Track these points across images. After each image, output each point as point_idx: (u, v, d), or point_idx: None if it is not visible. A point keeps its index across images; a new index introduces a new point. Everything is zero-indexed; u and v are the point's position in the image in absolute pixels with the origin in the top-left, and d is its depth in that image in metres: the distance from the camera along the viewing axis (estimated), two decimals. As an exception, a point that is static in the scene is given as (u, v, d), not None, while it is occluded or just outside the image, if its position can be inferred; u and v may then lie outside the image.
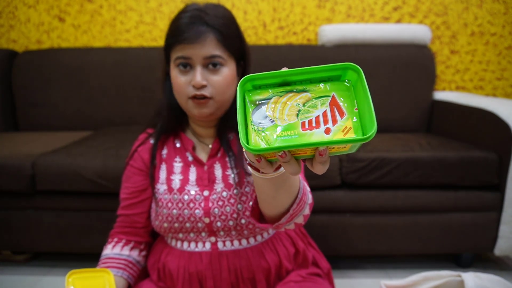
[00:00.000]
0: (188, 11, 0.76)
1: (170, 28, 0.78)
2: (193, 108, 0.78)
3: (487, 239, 1.37)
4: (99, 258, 0.88)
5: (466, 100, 1.58)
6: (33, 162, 1.31)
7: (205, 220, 0.79)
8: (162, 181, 0.84)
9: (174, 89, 0.80)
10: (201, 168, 0.83)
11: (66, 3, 2.01)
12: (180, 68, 0.77)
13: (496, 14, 1.99)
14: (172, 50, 0.77)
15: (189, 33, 0.73)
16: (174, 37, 0.76)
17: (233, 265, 0.81)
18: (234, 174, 0.80)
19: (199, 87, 0.76)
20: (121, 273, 0.83)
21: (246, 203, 0.79)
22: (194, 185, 0.81)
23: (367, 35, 1.85)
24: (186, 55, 0.75)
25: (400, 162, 1.30)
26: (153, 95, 1.86)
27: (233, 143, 0.83)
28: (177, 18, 0.77)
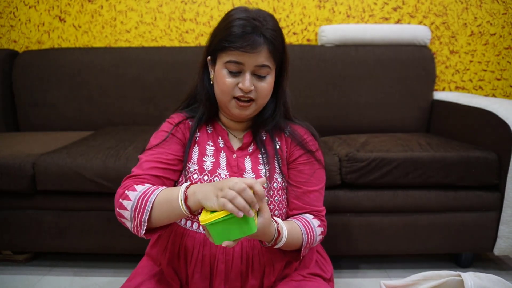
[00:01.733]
0: (242, 17, 0.80)
1: (223, 31, 0.81)
2: (235, 108, 0.83)
3: (487, 239, 1.37)
4: (100, 256, 0.87)
5: (466, 100, 1.59)
6: (34, 162, 1.31)
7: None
8: (193, 161, 0.87)
9: (218, 87, 0.83)
10: (230, 155, 0.88)
11: (66, 3, 2.01)
12: (230, 70, 0.81)
13: (495, 15, 1.99)
14: (225, 52, 0.80)
15: (247, 42, 0.78)
16: (229, 42, 0.79)
17: (245, 254, 0.84)
18: (266, 170, 0.86)
19: (247, 92, 0.81)
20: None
21: (272, 197, 0.85)
22: (224, 169, 0.86)
23: (367, 36, 1.85)
24: (239, 61, 0.79)
25: (400, 162, 1.30)
26: (153, 95, 1.87)
27: (266, 143, 0.90)
28: (231, 22, 0.80)
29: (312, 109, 1.82)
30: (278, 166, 0.88)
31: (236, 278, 0.84)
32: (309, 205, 0.88)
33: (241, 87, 0.80)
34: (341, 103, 1.83)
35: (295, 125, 0.93)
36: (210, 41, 0.85)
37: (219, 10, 2.00)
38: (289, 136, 0.91)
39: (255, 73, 0.81)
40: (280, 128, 0.91)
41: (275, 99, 0.88)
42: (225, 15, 0.84)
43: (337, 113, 1.84)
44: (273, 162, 0.88)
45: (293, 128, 0.92)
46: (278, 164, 0.88)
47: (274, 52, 0.81)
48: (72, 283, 1.36)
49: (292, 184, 0.89)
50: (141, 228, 0.74)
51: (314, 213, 0.88)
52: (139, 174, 0.82)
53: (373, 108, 1.84)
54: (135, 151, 1.35)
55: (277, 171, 0.88)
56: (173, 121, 0.91)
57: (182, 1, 2.00)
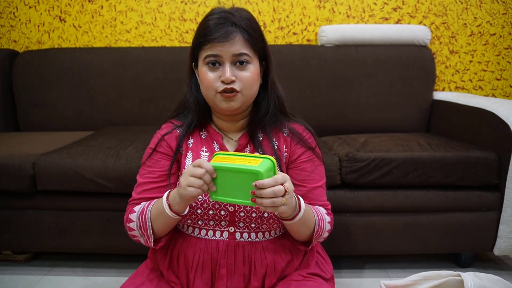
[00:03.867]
0: (215, 13, 0.83)
1: (198, 30, 0.84)
2: (222, 102, 0.83)
3: (487, 239, 1.37)
4: (100, 256, 0.88)
5: (466, 100, 1.59)
6: (34, 162, 1.31)
7: (230, 209, 0.83)
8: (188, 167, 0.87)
9: (202, 85, 0.84)
10: None
11: (66, 3, 2.01)
12: (210, 66, 0.82)
13: (495, 15, 1.99)
14: (202, 49, 0.82)
15: (218, 33, 0.79)
16: (203, 37, 0.81)
17: (248, 257, 0.84)
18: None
19: (229, 82, 0.81)
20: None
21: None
22: None
23: (367, 36, 1.86)
24: (216, 53, 0.80)
25: (400, 162, 1.30)
26: (153, 95, 1.87)
27: (263, 143, 0.89)
28: (206, 20, 0.83)
29: (312, 109, 1.82)
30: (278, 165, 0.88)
31: (238, 282, 0.84)
32: (315, 201, 0.89)
33: (222, 79, 0.80)
34: (341, 103, 1.83)
35: (293, 123, 0.92)
36: (192, 46, 0.86)
37: (219, 10, 2.00)
38: (288, 135, 0.90)
39: (234, 62, 0.81)
40: (278, 127, 0.91)
41: (266, 94, 0.89)
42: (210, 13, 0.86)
43: (337, 113, 1.84)
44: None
45: (291, 126, 0.91)
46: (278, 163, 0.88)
47: (251, 40, 0.82)
48: (72, 283, 1.36)
49: (296, 184, 0.88)
50: (150, 240, 0.82)
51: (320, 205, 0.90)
52: (136, 198, 0.88)
53: (373, 108, 1.84)
54: (135, 151, 1.35)
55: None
56: (160, 134, 0.91)
57: (182, 1, 2.00)
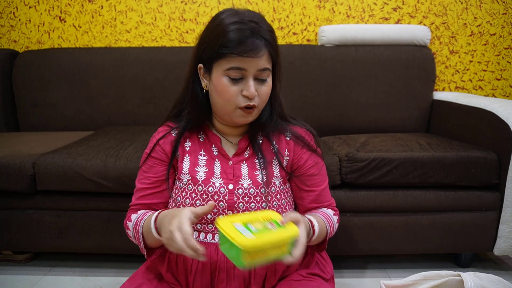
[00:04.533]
0: (240, 21, 0.76)
1: (220, 37, 0.76)
2: (240, 117, 0.81)
3: (487, 239, 1.37)
4: (100, 256, 0.88)
5: (466, 100, 1.59)
6: (34, 162, 1.31)
7: (228, 213, 0.83)
8: (185, 172, 0.86)
9: (220, 96, 0.79)
10: (225, 163, 0.86)
11: (66, 3, 2.01)
12: (232, 78, 0.77)
13: (495, 15, 1.99)
14: (224, 59, 0.77)
15: (249, 47, 0.75)
16: (230, 48, 0.75)
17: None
18: (263, 175, 0.84)
19: (252, 98, 0.79)
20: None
21: (270, 202, 0.84)
22: (219, 178, 0.84)
23: (367, 36, 1.86)
24: (242, 67, 0.76)
25: (400, 162, 1.30)
26: (153, 95, 1.87)
27: (263, 147, 0.88)
28: (229, 29, 0.76)
29: (312, 109, 1.82)
30: (276, 169, 0.87)
31: (238, 285, 0.83)
32: (324, 202, 0.92)
33: (246, 94, 0.78)
34: (341, 103, 1.83)
35: (294, 126, 0.91)
36: (201, 49, 0.81)
37: (219, 10, 2.00)
38: (291, 139, 0.89)
39: (256, 77, 0.79)
40: (279, 130, 0.89)
41: (270, 101, 0.87)
42: (214, 21, 0.80)
43: (337, 113, 1.84)
44: (270, 167, 0.86)
45: (293, 130, 0.90)
46: (276, 167, 0.87)
47: (274, 54, 0.80)
48: (72, 283, 1.36)
49: (306, 189, 0.89)
50: (144, 252, 0.84)
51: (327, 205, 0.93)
52: (134, 204, 0.89)
53: (373, 108, 1.84)
54: (135, 151, 1.35)
55: (275, 175, 0.87)
56: (155, 138, 0.90)
57: (182, 1, 2.00)
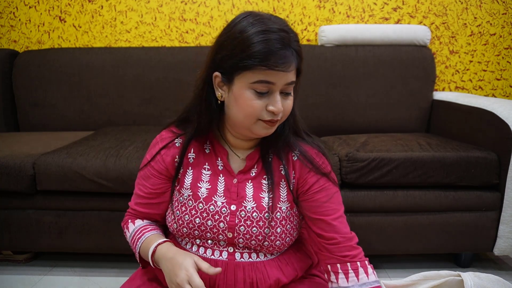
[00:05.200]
0: (272, 30, 0.67)
1: (247, 46, 0.67)
2: (262, 129, 0.73)
3: (487, 239, 1.37)
4: (100, 256, 0.88)
5: (466, 100, 1.59)
6: (34, 162, 1.31)
7: (228, 235, 0.77)
8: (187, 186, 0.80)
9: (242, 109, 0.71)
10: (230, 180, 0.80)
11: (66, 3, 2.01)
12: (258, 91, 0.69)
13: (495, 15, 1.99)
14: (251, 71, 0.68)
15: (280, 59, 0.67)
16: (258, 60, 0.66)
17: (249, 277, 0.77)
18: (269, 198, 0.77)
19: (278, 114, 0.71)
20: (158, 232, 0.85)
21: (273, 228, 0.77)
22: (222, 196, 0.78)
23: (367, 36, 1.86)
24: (271, 80, 0.68)
25: (400, 162, 1.30)
26: (153, 95, 1.87)
27: (274, 166, 0.79)
28: (260, 38, 0.67)
29: (312, 109, 1.82)
30: (283, 193, 0.79)
31: None
32: (337, 234, 0.76)
33: (272, 110, 0.70)
34: (341, 103, 1.83)
35: (306, 145, 0.81)
36: (220, 56, 0.71)
37: (219, 10, 2.00)
38: (298, 158, 0.79)
39: (282, 91, 0.71)
40: (289, 147, 0.80)
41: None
42: (236, 26, 0.70)
43: (337, 113, 1.84)
44: (278, 189, 0.78)
45: (303, 149, 0.80)
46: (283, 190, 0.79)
47: (300, 66, 0.73)
48: (72, 283, 1.36)
49: (313, 218, 0.77)
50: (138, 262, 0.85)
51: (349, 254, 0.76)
52: (132, 208, 0.88)
53: (373, 108, 1.84)
54: (135, 151, 1.35)
55: (282, 199, 0.78)
56: (158, 146, 0.83)
57: (182, 1, 2.00)
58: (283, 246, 0.79)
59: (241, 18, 0.71)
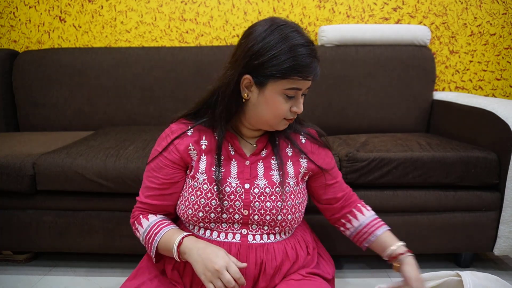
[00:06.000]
0: (306, 44, 0.78)
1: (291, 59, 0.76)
2: (283, 126, 0.85)
3: (487, 239, 1.37)
4: (100, 256, 0.88)
5: (466, 100, 1.59)
6: (34, 162, 1.31)
7: (244, 212, 0.84)
8: (202, 171, 0.86)
9: (271, 111, 0.81)
10: (242, 162, 0.87)
11: (66, 3, 2.01)
12: (288, 96, 0.81)
13: (495, 15, 1.99)
14: (288, 80, 0.78)
15: (313, 71, 0.79)
16: (298, 72, 0.77)
17: (259, 259, 0.84)
18: (279, 175, 0.87)
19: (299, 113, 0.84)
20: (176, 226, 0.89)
21: (285, 202, 0.85)
22: (235, 178, 0.86)
23: (367, 36, 1.86)
24: (300, 87, 0.80)
25: (400, 162, 1.31)
26: (153, 95, 1.87)
27: (280, 147, 0.91)
28: (300, 52, 0.77)
29: (312, 109, 1.82)
30: (290, 170, 0.89)
31: (247, 284, 0.84)
32: (345, 190, 1.00)
33: (296, 111, 0.83)
34: (341, 103, 1.83)
35: (306, 128, 0.96)
36: (257, 63, 0.77)
37: (219, 10, 2.00)
38: (308, 140, 0.93)
39: (302, 93, 0.83)
40: (295, 131, 0.93)
41: None
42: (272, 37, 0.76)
43: (337, 113, 1.84)
44: (285, 167, 0.89)
45: (307, 131, 0.95)
46: (290, 168, 0.89)
47: None
48: (72, 283, 1.36)
49: (329, 184, 0.96)
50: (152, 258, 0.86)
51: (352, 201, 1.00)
52: (143, 202, 0.89)
53: (373, 108, 1.84)
54: (135, 151, 1.35)
55: (290, 175, 0.89)
56: (170, 137, 0.88)
57: (182, 1, 2.00)
58: (294, 222, 0.88)
59: (273, 28, 0.77)
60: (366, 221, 0.97)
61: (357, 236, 0.99)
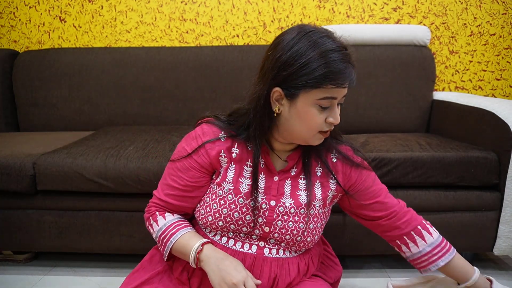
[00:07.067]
0: (337, 50, 0.72)
1: (322, 66, 0.70)
2: (318, 140, 0.79)
3: (487, 239, 1.37)
4: (100, 256, 0.88)
5: (466, 100, 1.59)
6: (34, 162, 1.31)
7: (265, 229, 0.82)
8: (229, 180, 0.82)
9: (305, 124, 0.75)
10: (270, 178, 0.83)
11: (66, 3, 2.01)
12: (323, 106, 0.74)
13: (495, 15, 1.99)
14: (320, 89, 0.72)
15: (347, 78, 0.72)
16: (331, 80, 0.71)
17: (273, 273, 0.82)
18: (306, 196, 0.82)
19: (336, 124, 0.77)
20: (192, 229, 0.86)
21: (307, 224, 0.82)
22: (262, 193, 0.82)
23: (367, 36, 1.86)
24: (335, 96, 0.73)
25: (400, 162, 1.31)
26: (153, 95, 1.87)
27: (312, 169, 0.85)
28: (332, 58, 0.71)
29: (312, 109, 1.82)
30: (318, 192, 0.84)
31: None
32: (393, 207, 0.87)
33: (332, 121, 0.75)
34: (341, 103, 1.83)
35: (339, 144, 0.88)
36: (286, 74, 0.72)
37: (219, 10, 2.00)
38: (338, 159, 0.86)
39: (338, 102, 0.77)
40: (327, 149, 0.86)
41: None
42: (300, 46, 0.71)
43: (337, 113, 1.84)
44: (313, 188, 0.84)
45: (339, 149, 0.87)
46: (318, 190, 0.85)
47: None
48: (72, 283, 1.36)
49: (368, 204, 0.87)
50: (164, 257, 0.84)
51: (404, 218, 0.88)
52: (161, 199, 0.85)
53: (373, 108, 1.84)
54: (135, 151, 1.35)
55: (317, 197, 0.84)
56: (200, 138, 0.83)
57: (182, 1, 2.00)
58: (311, 243, 0.85)
59: (301, 35, 0.72)
60: (428, 248, 0.87)
61: (415, 261, 0.91)
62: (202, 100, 1.85)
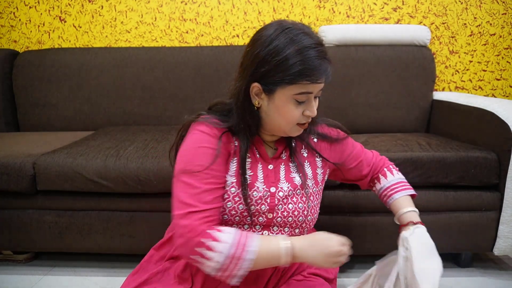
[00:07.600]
0: (313, 47, 0.73)
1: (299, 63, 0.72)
2: (296, 131, 0.83)
3: (487, 239, 1.37)
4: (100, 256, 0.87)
5: (466, 100, 1.59)
6: (34, 162, 1.31)
7: (269, 216, 0.83)
8: (231, 173, 0.82)
9: (283, 118, 0.78)
10: (266, 166, 0.86)
11: (66, 3, 2.01)
12: (299, 101, 0.77)
13: (495, 15, 1.99)
14: (296, 85, 0.74)
15: (323, 73, 0.75)
16: (307, 76, 0.73)
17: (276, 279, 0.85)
18: (299, 177, 0.86)
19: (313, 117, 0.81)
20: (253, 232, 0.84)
21: (305, 203, 0.85)
22: (262, 182, 0.84)
23: (367, 36, 1.86)
24: (311, 91, 0.76)
25: (400, 162, 1.30)
26: (153, 95, 1.87)
27: (297, 150, 0.90)
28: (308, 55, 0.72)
29: (312, 109, 1.82)
30: (309, 172, 0.88)
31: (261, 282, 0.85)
32: (370, 160, 0.99)
33: (309, 115, 0.79)
34: (341, 103, 1.84)
35: (315, 126, 0.91)
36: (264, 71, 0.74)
37: (219, 10, 2.00)
38: (319, 139, 0.92)
39: (315, 96, 0.80)
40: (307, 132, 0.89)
41: None
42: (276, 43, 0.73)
43: (337, 113, 1.84)
44: (304, 168, 0.88)
45: (317, 130, 0.92)
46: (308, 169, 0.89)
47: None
48: (72, 283, 1.36)
49: (354, 166, 0.97)
50: (231, 278, 0.73)
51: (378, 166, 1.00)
52: (205, 209, 0.74)
53: (373, 108, 1.84)
54: (135, 151, 1.35)
55: (309, 177, 0.88)
56: (212, 132, 0.80)
57: (182, 1, 2.00)
58: (311, 223, 0.89)
59: (278, 32, 0.74)
60: (387, 184, 0.97)
61: (380, 197, 1.00)
62: (202, 100, 1.85)
